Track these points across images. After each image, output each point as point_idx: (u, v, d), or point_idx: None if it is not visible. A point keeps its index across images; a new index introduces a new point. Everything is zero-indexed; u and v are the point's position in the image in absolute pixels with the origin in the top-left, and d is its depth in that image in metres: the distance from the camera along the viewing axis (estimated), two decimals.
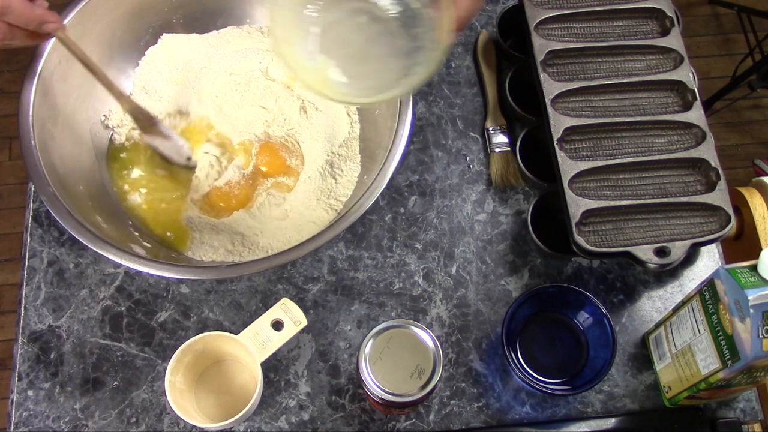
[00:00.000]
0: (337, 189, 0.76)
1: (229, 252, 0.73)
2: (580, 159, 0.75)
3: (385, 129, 0.73)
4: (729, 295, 0.59)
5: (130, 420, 0.72)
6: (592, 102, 0.77)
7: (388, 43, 0.62)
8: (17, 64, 1.88)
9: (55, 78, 0.73)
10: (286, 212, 0.75)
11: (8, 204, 1.80)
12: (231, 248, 0.73)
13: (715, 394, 0.68)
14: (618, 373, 0.74)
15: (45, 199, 0.67)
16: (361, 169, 0.78)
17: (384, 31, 0.62)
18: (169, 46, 0.81)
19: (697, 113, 0.76)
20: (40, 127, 0.70)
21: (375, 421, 0.72)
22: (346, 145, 0.79)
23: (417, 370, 0.61)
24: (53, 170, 0.70)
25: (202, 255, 0.73)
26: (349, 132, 0.79)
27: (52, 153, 0.71)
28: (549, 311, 0.74)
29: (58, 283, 0.77)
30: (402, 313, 0.76)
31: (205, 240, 0.73)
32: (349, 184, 0.77)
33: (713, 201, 0.72)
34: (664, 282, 0.78)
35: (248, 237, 0.73)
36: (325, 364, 0.74)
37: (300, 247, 0.66)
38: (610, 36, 0.80)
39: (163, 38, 0.81)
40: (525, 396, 0.73)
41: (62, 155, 0.72)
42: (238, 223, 0.73)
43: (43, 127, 0.70)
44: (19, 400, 0.72)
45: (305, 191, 0.76)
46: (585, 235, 0.72)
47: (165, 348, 0.74)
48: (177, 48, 0.82)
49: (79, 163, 0.75)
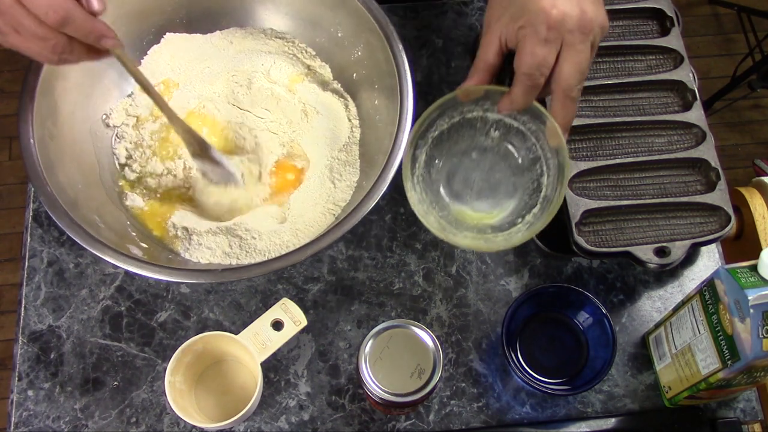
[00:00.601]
0: (335, 194, 0.76)
1: (227, 255, 0.73)
2: (580, 159, 0.75)
3: (386, 134, 0.73)
4: (729, 295, 0.59)
5: (130, 420, 0.72)
6: (592, 102, 0.77)
7: (503, 167, 0.69)
8: (17, 64, 1.88)
9: (55, 77, 0.72)
10: (284, 216, 0.75)
11: (8, 204, 1.80)
12: (228, 251, 0.73)
13: (715, 394, 0.68)
14: (618, 373, 0.74)
15: (43, 200, 0.67)
16: (360, 174, 0.77)
17: (497, 159, 0.69)
18: (171, 46, 0.81)
19: (697, 113, 0.76)
20: (39, 126, 0.70)
21: (375, 421, 0.72)
22: (346, 149, 0.79)
23: (417, 370, 0.61)
24: (52, 170, 0.70)
25: (200, 257, 0.72)
26: (350, 136, 0.79)
27: (52, 152, 0.71)
28: (549, 311, 0.74)
29: (58, 283, 0.77)
30: (402, 313, 0.76)
31: (202, 242, 0.73)
32: (348, 189, 0.76)
33: (713, 201, 0.72)
34: (664, 282, 0.78)
35: (246, 240, 0.73)
36: (325, 364, 0.74)
37: (299, 251, 0.66)
38: (610, 36, 0.80)
39: (166, 37, 0.81)
40: (525, 396, 0.73)
41: (62, 154, 0.72)
42: (237, 226, 0.73)
43: (42, 126, 0.70)
44: (19, 400, 0.72)
45: (305, 195, 0.76)
46: (585, 235, 0.72)
47: (165, 348, 0.74)
48: (179, 48, 0.82)
49: (78, 161, 0.75)
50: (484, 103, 0.66)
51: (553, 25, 0.59)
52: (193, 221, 0.74)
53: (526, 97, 0.62)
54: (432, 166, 0.68)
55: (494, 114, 0.67)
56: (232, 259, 0.73)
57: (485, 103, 0.66)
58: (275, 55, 0.82)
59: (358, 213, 0.67)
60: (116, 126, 0.79)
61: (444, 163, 0.69)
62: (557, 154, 0.65)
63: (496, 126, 0.68)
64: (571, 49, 0.60)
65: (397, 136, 0.70)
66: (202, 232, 0.73)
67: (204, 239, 0.73)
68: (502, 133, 0.69)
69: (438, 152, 0.69)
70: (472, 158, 0.70)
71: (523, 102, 0.62)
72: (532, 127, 0.67)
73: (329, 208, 0.76)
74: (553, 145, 0.64)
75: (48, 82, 0.72)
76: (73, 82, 0.75)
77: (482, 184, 0.69)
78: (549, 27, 0.59)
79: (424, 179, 0.68)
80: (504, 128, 0.68)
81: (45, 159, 0.69)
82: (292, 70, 0.81)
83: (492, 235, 0.66)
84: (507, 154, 0.69)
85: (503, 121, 0.68)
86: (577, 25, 0.60)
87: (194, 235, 0.73)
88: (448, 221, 0.67)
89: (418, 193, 0.66)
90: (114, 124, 0.79)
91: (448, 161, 0.69)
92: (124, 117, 0.79)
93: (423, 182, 0.68)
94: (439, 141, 0.68)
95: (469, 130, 0.69)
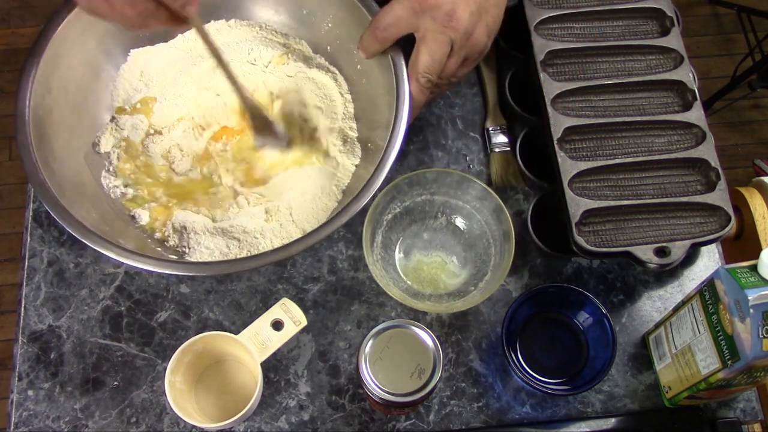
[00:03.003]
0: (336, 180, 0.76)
1: (225, 256, 0.72)
2: (580, 159, 0.75)
3: (381, 129, 0.73)
4: (729, 295, 0.59)
5: (130, 420, 0.72)
6: (592, 102, 0.77)
7: (453, 244, 0.77)
8: (17, 63, 1.88)
9: (54, 74, 0.72)
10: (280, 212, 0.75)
11: (8, 204, 1.80)
12: (227, 251, 0.72)
13: (715, 394, 0.68)
14: (618, 373, 0.74)
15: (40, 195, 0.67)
16: (360, 154, 0.78)
17: (447, 237, 0.78)
18: (138, 62, 0.81)
19: (697, 113, 0.76)
20: (36, 122, 0.70)
21: (375, 421, 0.72)
22: (342, 130, 0.79)
23: (417, 370, 0.61)
24: (49, 166, 0.69)
25: (199, 258, 0.72)
26: (344, 112, 0.79)
27: (49, 150, 0.70)
28: (549, 311, 0.74)
29: (58, 283, 0.77)
30: (402, 313, 0.76)
31: (201, 241, 0.73)
32: (348, 173, 0.77)
33: (713, 201, 0.72)
34: (664, 282, 0.78)
35: (244, 241, 0.73)
36: (325, 364, 0.74)
37: (301, 240, 0.66)
38: (610, 36, 0.80)
39: (131, 54, 0.80)
40: (525, 396, 0.73)
41: (60, 152, 0.72)
42: (234, 227, 0.73)
43: (39, 124, 0.70)
44: (19, 400, 0.72)
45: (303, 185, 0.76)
46: (585, 235, 0.72)
47: (165, 348, 0.74)
48: (147, 61, 0.81)
49: (77, 158, 0.75)
50: (431, 186, 0.75)
51: (426, 7, 0.67)
52: (192, 222, 0.74)
53: (372, 47, 0.72)
54: (388, 246, 0.76)
55: (441, 196, 0.76)
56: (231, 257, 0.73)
57: (432, 186, 0.74)
58: (250, 42, 0.81)
59: (359, 202, 0.67)
60: (107, 152, 0.78)
61: (399, 246, 0.77)
62: (501, 223, 0.72)
63: (443, 207, 0.77)
64: (429, 36, 0.68)
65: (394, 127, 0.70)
66: (199, 231, 0.73)
67: (202, 239, 0.73)
68: (449, 213, 0.77)
69: (394, 234, 0.76)
70: (423, 239, 0.77)
71: (366, 47, 0.72)
72: (476, 205, 0.75)
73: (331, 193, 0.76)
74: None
75: (47, 80, 0.71)
76: (73, 80, 0.75)
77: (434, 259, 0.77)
78: (421, 5, 0.67)
79: (383, 258, 0.75)
80: (450, 208, 0.77)
81: (42, 155, 0.69)
82: (272, 52, 0.81)
83: (451, 303, 0.73)
84: (455, 231, 0.77)
85: (449, 202, 0.76)
86: (442, 18, 0.67)
87: (192, 233, 0.73)
88: (409, 293, 0.73)
89: (378, 269, 0.72)
90: (105, 151, 0.78)
91: (402, 243, 0.77)
92: (113, 141, 0.78)
93: (382, 260, 0.74)
94: (393, 223, 0.76)
95: (419, 213, 0.77)
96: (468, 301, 0.71)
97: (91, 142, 0.77)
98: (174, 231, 0.74)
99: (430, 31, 0.68)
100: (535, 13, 0.80)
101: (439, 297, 0.74)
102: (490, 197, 0.72)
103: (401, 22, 0.69)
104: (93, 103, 0.78)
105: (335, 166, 0.77)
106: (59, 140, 0.73)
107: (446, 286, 0.75)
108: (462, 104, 0.86)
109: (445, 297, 0.74)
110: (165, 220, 0.75)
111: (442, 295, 0.74)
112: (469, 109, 0.86)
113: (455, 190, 0.75)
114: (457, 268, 0.76)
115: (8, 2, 2.01)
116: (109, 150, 0.78)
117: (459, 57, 0.70)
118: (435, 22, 0.67)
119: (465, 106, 0.86)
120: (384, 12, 0.70)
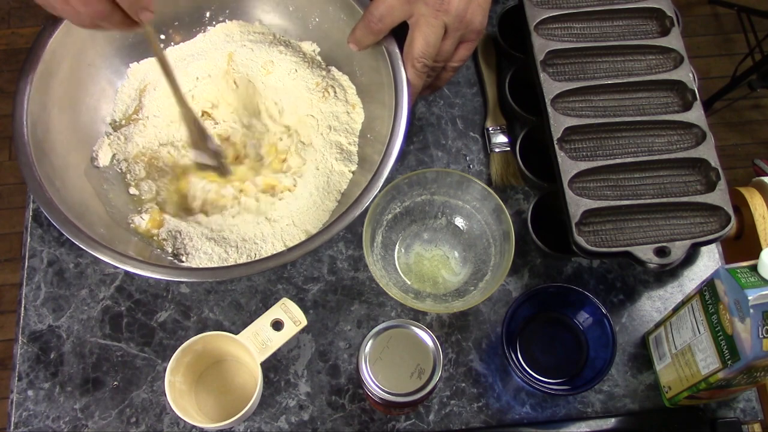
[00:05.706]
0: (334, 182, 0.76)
1: (224, 261, 0.72)
2: (580, 159, 0.75)
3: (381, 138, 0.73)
4: (729, 295, 0.59)
5: (130, 420, 0.72)
6: (592, 102, 0.77)
7: (454, 244, 0.77)
8: (17, 63, 1.88)
9: (53, 73, 0.72)
10: (281, 216, 0.75)
11: (8, 204, 1.80)
12: (225, 256, 0.72)
13: (715, 394, 0.68)
14: (618, 373, 0.74)
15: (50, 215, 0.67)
16: (357, 168, 0.77)
17: (447, 236, 0.78)
18: (137, 74, 0.80)
19: (697, 113, 0.76)
20: (33, 122, 0.69)
21: (375, 421, 0.72)
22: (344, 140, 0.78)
23: (417, 370, 0.61)
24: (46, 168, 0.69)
25: (198, 263, 0.72)
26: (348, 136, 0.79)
27: (47, 149, 0.70)
28: (549, 311, 0.74)
29: (58, 283, 0.77)
30: (402, 313, 0.76)
31: (198, 246, 0.72)
32: (344, 183, 0.77)
33: (713, 201, 0.72)
34: (664, 282, 0.78)
35: (243, 247, 0.72)
36: (325, 364, 0.74)
37: (300, 246, 0.66)
38: (610, 36, 0.80)
39: (130, 68, 0.80)
40: (525, 396, 0.73)
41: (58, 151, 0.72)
42: (233, 232, 0.73)
43: (37, 124, 0.70)
44: (19, 400, 0.72)
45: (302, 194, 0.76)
46: (585, 235, 0.72)
47: (165, 348, 0.74)
48: (145, 73, 0.81)
49: (75, 156, 0.75)
50: (431, 187, 0.74)
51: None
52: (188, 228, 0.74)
53: (366, 40, 0.72)
54: (389, 246, 0.76)
55: (441, 196, 0.76)
56: (230, 263, 0.72)
57: (432, 186, 0.74)
58: (255, 43, 0.81)
59: (358, 206, 0.67)
60: (105, 165, 0.77)
61: (399, 245, 0.77)
62: (501, 223, 0.72)
63: (443, 207, 0.77)
64: (422, 20, 0.69)
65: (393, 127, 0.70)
66: (194, 237, 0.73)
67: (200, 244, 0.72)
68: (449, 213, 0.77)
69: (394, 234, 0.76)
70: (423, 239, 0.77)
71: (360, 40, 0.73)
72: (476, 205, 0.74)
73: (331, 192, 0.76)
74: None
75: (45, 79, 0.71)
76: (72, 78, 0.75)
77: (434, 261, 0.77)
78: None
79: (383, 258, 0.75)
80: (450, 208, 0.76)
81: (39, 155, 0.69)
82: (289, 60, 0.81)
83: (451, 303, 0.73)
84: (456, 231, 0.77)
85: (449, 202, 0.76)
86: (434, 2, 0.68)
87: (187, 239, 0.73)
88: (409, 293, 0.73)
89: (378, 269, 0.72)
90: (103, 165, 0.77)
91: (402, 243, 0.77)
92: (110, 153, 0.78)
93: (382, 260, 0.74)
94: (394, 224, 0.76)
95: (419, 213, 0.77)
96: (468, 301, 0.71)
97: (89, 157, 0.77)
98: (169, 236, 0.73)
99: (423, 15, 0.69)
100: (535, 13, 0.80)
101: (439, 297, 0.74)
102: (490, 197, 0.72)
103: (395, 10, 0.70)
104: (89, 117, 0.77)
105: (331, 169, 0.77)
106: (58, 158, 0.72)
107: (446, 283, 0.75)
108: (462, 104, 0.86)
109: (445, 297, 0.74)
110: (160, 225, 0.75)
111: (442, 295, 0.74)
112: (469, 109, 0.86)
113: (455, 190, 0.75)
114: (457, 265, 0.76)
115: (8, 2, 2.01)
116: (107, 164, 0.77)
117: (454, 39, 0.71)
118: (427, 6, 0.68)
119: (465, 106, 0.86)
120: (377, 3, 0.70)
